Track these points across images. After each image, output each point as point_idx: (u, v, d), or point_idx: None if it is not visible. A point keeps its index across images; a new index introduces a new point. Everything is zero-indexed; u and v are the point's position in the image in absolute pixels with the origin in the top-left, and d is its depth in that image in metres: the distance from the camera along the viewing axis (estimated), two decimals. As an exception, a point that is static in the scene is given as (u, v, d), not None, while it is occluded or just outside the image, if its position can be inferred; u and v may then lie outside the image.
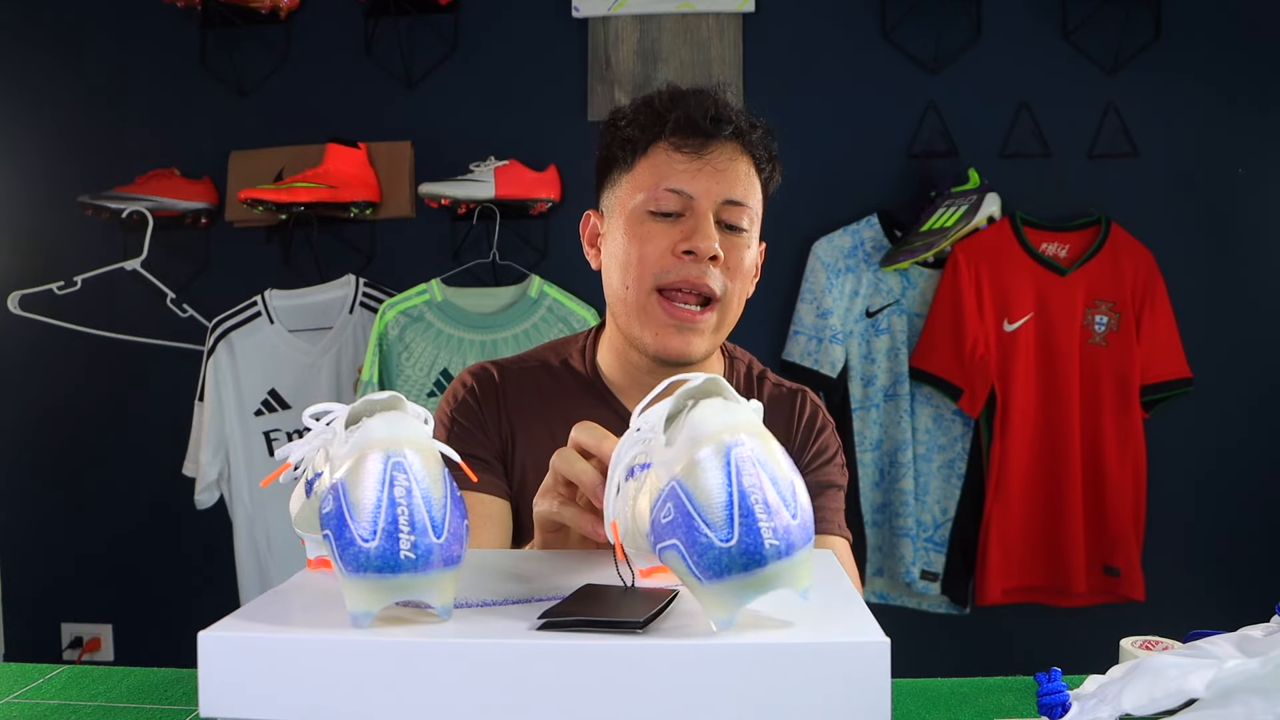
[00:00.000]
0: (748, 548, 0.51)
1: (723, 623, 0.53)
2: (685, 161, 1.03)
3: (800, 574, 0.53)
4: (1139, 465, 2.09)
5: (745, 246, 1.06)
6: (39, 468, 2.40)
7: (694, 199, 1.03)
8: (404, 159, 2.26)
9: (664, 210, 1.03)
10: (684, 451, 0.54)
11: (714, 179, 1.03)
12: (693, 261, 1.01)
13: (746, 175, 1.06)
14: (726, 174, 1.04)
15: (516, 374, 1.15)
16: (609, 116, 1.11)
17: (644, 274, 1.03)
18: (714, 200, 1.03)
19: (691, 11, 2.19)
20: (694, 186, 1.03)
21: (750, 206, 1.06)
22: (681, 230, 1.02)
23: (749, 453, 0.53)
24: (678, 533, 0.53)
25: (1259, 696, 0.54)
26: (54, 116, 2.36)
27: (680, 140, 1.04)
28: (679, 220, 1.03)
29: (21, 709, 0.80)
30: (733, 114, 1.06)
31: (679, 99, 1.07)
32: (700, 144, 1.04)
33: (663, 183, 1.03)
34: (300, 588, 0.67)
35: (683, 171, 1.03)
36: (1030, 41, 2.17)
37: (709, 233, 1.01)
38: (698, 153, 1.03)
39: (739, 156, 1.06)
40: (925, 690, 0.82)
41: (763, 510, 0.52)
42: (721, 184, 1.03)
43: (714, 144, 1.04)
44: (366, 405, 0.65)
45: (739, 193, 1.04)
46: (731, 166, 1.04)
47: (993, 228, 2.11)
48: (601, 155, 1.12)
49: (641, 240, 1.04)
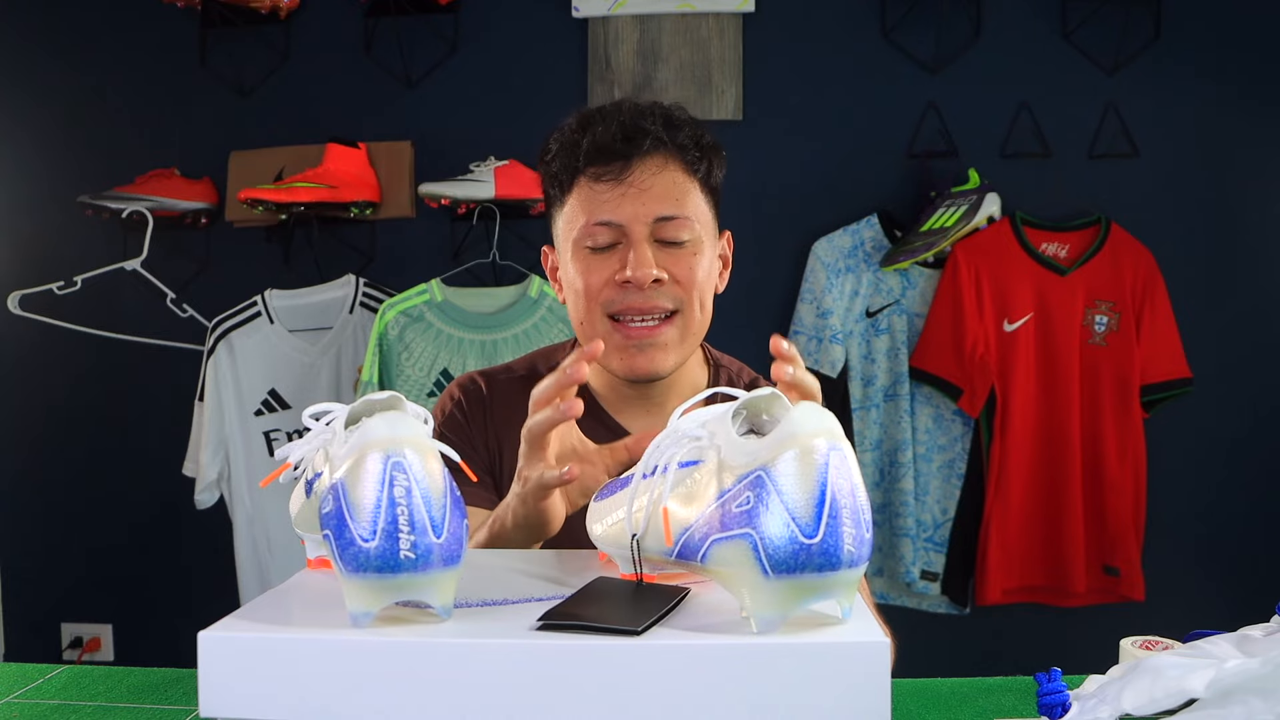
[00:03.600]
0: (828, 549, 0.52)
1: (768, 623, 0.53)
2: (607, 190, 1.01)
3: (853, 590, 0.55)
4: (1139, 465, 2.09)
5: (691, 255, 1.02)
6: (39, 468, 2.40)
7: (624, 226, 1.00)
8: (404, 159, 2.26)
9: (598, 244, 1.02)
10: (777, 446, 0.54)
11: (639, 201, 1.00)
12: (634, 289, 1.00)
13: (678, 183, 1.02)
14: (652, 191, 1.00)
15: (504, 384, 1.14)
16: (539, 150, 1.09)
17: (593, 305, 1.02)
18: (645, 223, 1.00)
19: (691, 11, 2.19)
20: (620, 214, 1.00)
21: (688, 215, 1.01)
22: (619, 259, 1.00)
23: (842, 459, 0.54)
24: (753, 521, 0.53)
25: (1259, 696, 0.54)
26: (54, 116, 2.36)
27: (598, 170, 1.01)
28: (616, 249, 1.01)
29: (21, 709, 0.80)
30: (648, 123, 1.02)
31: (589, 124, 1.03)
32: (619, 168, 1.00)
33: (591, 217, 1.01)
34: (300, 588, 0.67)
35: (606, 201, 1.01)
36: (1030, 41, 2.17)
37: (644, 259, 0.99)
38: (618, 177, 1.00)
39: (665, 166, 1.02)
40: (925, 690, 0.82)
41: (849, 516, 0.53)
42: (649, 204, 1.00)
43: (634, 163, 1.00)
44: (366, 405, 0.65)
45: (670, 206, 1.01)
46: (657, 181, 1.01)
47: (993, 228, 2.11)
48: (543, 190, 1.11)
49: (585, 274, 1.02)
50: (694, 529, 0.57)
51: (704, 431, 0.60)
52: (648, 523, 0.62)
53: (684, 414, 0.63)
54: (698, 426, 0.61)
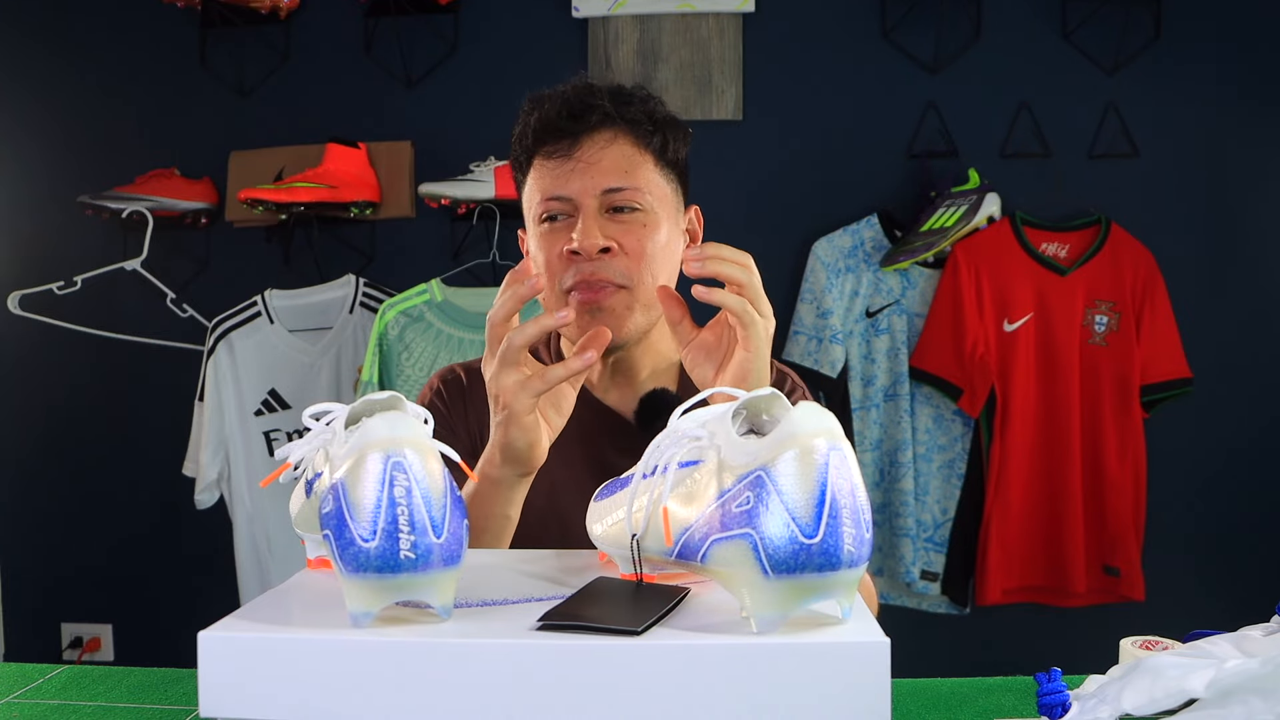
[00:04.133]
0: (827, 549, 0.52)
1: (768, 622, 0.54)
2: (557, 166, 1.04)
3: (853, 590, 0.55)
4: (1139, 465, 2.09)
5: (643, 225, 1.04)
6: (39, 468, 2.40)
7: (573, 200, 1.03)
8: (404, 159, 2.26)
9: (552, 215, 1.05)
10: (777, 446, 0.54)
11: (588, 174, 1.02)
12: (583, 260, 1.01)
13: (628, 156, 1.04)
14: (600, 164, 1.03)
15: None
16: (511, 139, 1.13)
17: (551, 279, 1.04)
18: (593, 195, 1.02)
19: (691, 11, 2.19)
20: (569, 188, 1.03)
21: (638, 186, 1.03)
22: (570, 231, 1.03)
23: (842, 459, 0.54)
24: (753, 521, 0.53)
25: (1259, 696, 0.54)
26: (54, 116, 2.36)
27: (550, 147, 1.05)
28: (568, 221, 1.04)
29: (21, 709, 0.80)
30: (596, 99, 1.04)
31: (537, 105, 1.07)
32: (568, 145, 1.03)
33: (544, 193, 1.05)
34: (300, 588, 0.67)
35: (558, 177, 1.04)
36: (1030, 41, 2.17)
37: (589, 229, 1.01)
38: (568, 154, 1.03)
39: (615, 139, 1.04)
40: (925, 690, 0.82)
41: (849, 516, 0.53)
42: (597, 176, 1.02)
43: (582, 140, 1.03)
44: (366, 405, 0.65)
45: (618, 178, 1.03)
46: (605, 154, 1.03)
47: (993, 228, 2.11)
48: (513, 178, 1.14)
49: (544, 248, 1.05)
50: (694, 529, 0.57)
51: (704, 431, 0.60)
52: (648, 523, 0.62)
53: (685, 414, 0.63)
54: (698, 426, 0.61)
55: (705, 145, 2.22)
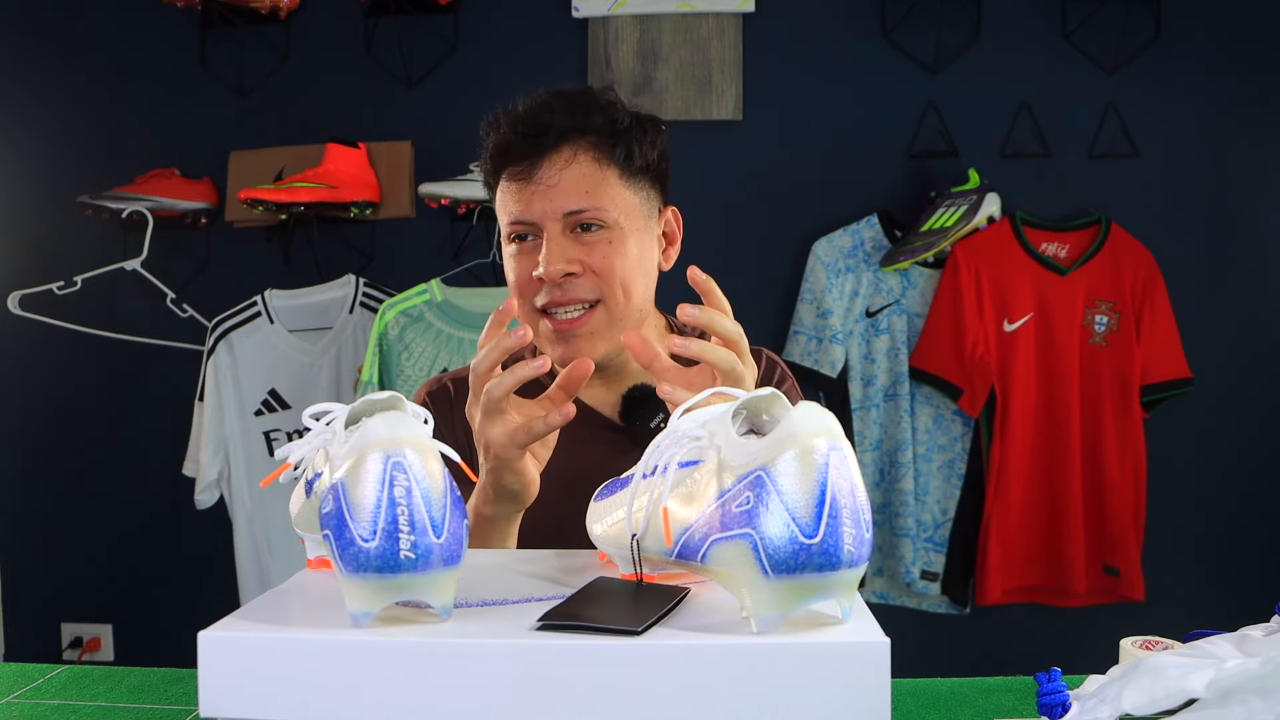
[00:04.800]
0: (827, 549, 0.52)
1: (768, 622, 0.54)
2: (520, 189, 1.03)
3: (853, 590, 0.55)
4: (1139, 465, 2.09)
5: (608, 243, 1.02)
6: (39, 468, 2.40)
7: (535, 223, 1.02)
8: (404, 159, 2.26)
9: (520, 239, 1.05)
10: (777, 446, 0.54)
11: (547, 198, 1.01)
12: (553, 284, 1.01)
13: (587, 175, 1.02)
14: (559, 187, 1.01)
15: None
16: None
17: (523, 300, 1.04)
18: (554, 219, 1.01)
19: (691, 11, 2.19)
20: (531, 212, 1.02)
21: (599, 205, 1.01)
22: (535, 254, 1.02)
23: (842, 459, 0.54)
24: (753, 521, 0.53)
25: (1259, 696, 0.54)
26: (54, 116, 2.36)
27: (510, 170, 1.04)
28: (535, 242, 1.03)
29: (21, 709, 0.80)
30: (554, 117, 1.02)
31: (493, 126, 1.06)
32: (527, 167, 1.02)
33: (509, 217, 1.04)
34: (300, 588, 0.67)
35: (520, 200, 1.03)
36: (1030, 41, 2.17)
37: (552, 255, 1.00)
38: (527, 177, 1.02)
39: (575, 157, 1.02)
40: (925, 690, 0.82)
41: (849, 516, 0.53)
42: (556, 200, 1.01)
43: (540, 161, 1.02)
44: (366, 405, 0.65)
45: (578, 200, 1.01)
46: (564, 176, 1.01)
47: (993, 228, 2.11)
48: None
49: (514, 269, 1.05)
50: (694, 529, 0.57)
51: (704, 431, 0.60)
52: (648, 523, 0.62)
53: (684, 414, 0.63)
54: (698, 426, 0.61)
55: (705, 145, 2.23)
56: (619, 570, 0.68)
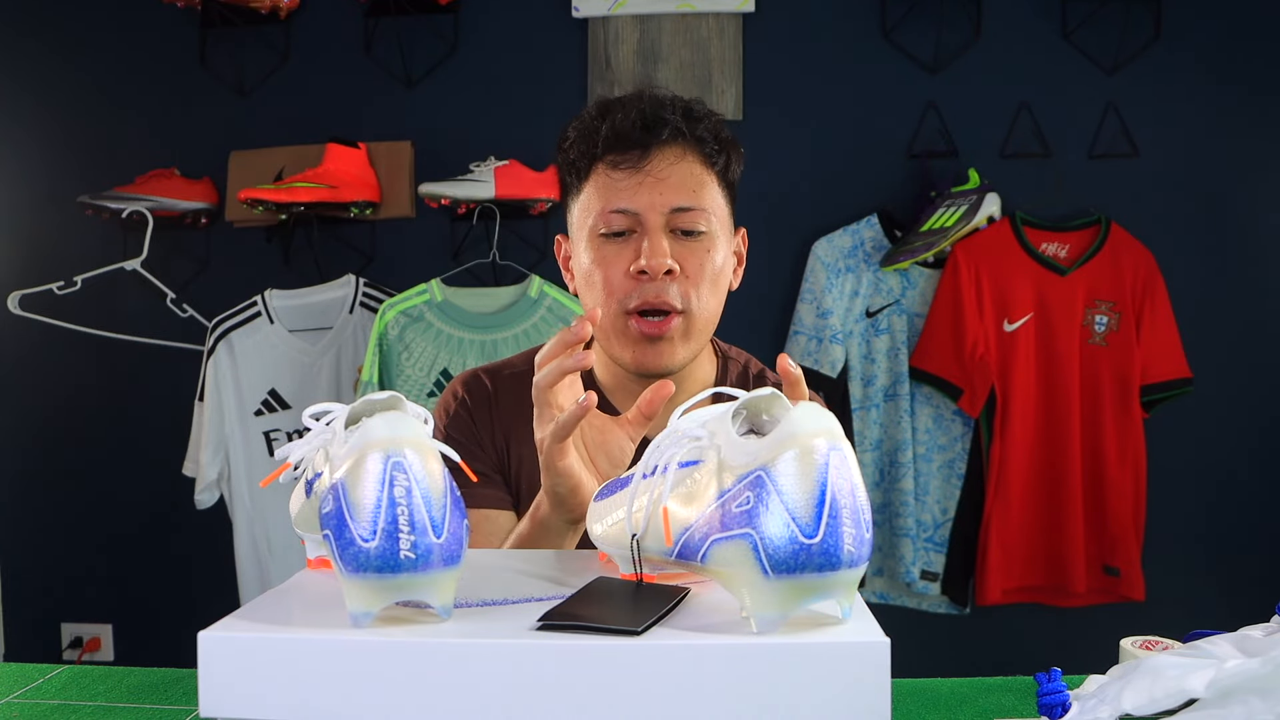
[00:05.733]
0: (828, 549, 0.52)
1: (768, 622, 0.54)
2: (625, 178, 1.01)
3: (853, 590, 0.55)
4: (1139, 465, 2.09)
5: (705, 250, 1.02)
6: (39, 468, 2.40)
7: (640, 215, 1.00)
8: (404, 159, 2.26)
9: (614, 230, 1.02)
10: (777, 446, 0.54)
11: (656, 190, 1.00)
12: (649, 280, 1.00)
13: (695, 175, 1.02)
14: (670, 181, 1.01)
15: (509, 379, 1.14)
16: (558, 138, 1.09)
17: (609, 298, 1.02)
18: (660, 212, 1.00)
19: (691, 11, 2.19)
20: (637, 202, 1.00)
21: (704, 207, 1.02)
22: (635, 249, 1.01)
23: (842, 459, 0.54)
24: (753, 521, 0.53)
25: (1259, 696, 0.54)
26: (54, 116, 2.36)
27: (616, 157, 1.02)
28: (631, 238, 1.02)
29: (21, 709, 0.80)
30: (667, 114, 1.02)
31: (607, 112, 1.03)
32: (637, 156, 1.01)
33: (607, 205, 1.02)
34: (300, 588, 0.67)
35: (624, 189, 1.01)
36: (1030, 41, 2.17)
37: (659, 249, 0.99)
38: (636, 166, 1.01)
39: (684, 156, 1.02)
40: (925, 690, 0.82)
41: (849, 516, 0.53)
42: (666, 193, 1.00)
43: (652, 152, 1.01)
44: (366, 405, 0.65)
45: (686, 197, 1.01)
46: (675, 171, 1.01)
47: (993, 228, 2.11)
48: (559, 180, 1.11)
49: (602, 264, 1.02)
50: (694, 529, 0.57)
51: (704, 431, 0.60)
52: (648, 523, 0.62)
53: (685, 414, 0.63)
54: (698, 426, 0.61)
55: (705, 145, 2.22)
56: (619, 570, 0.68)
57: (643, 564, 0.63)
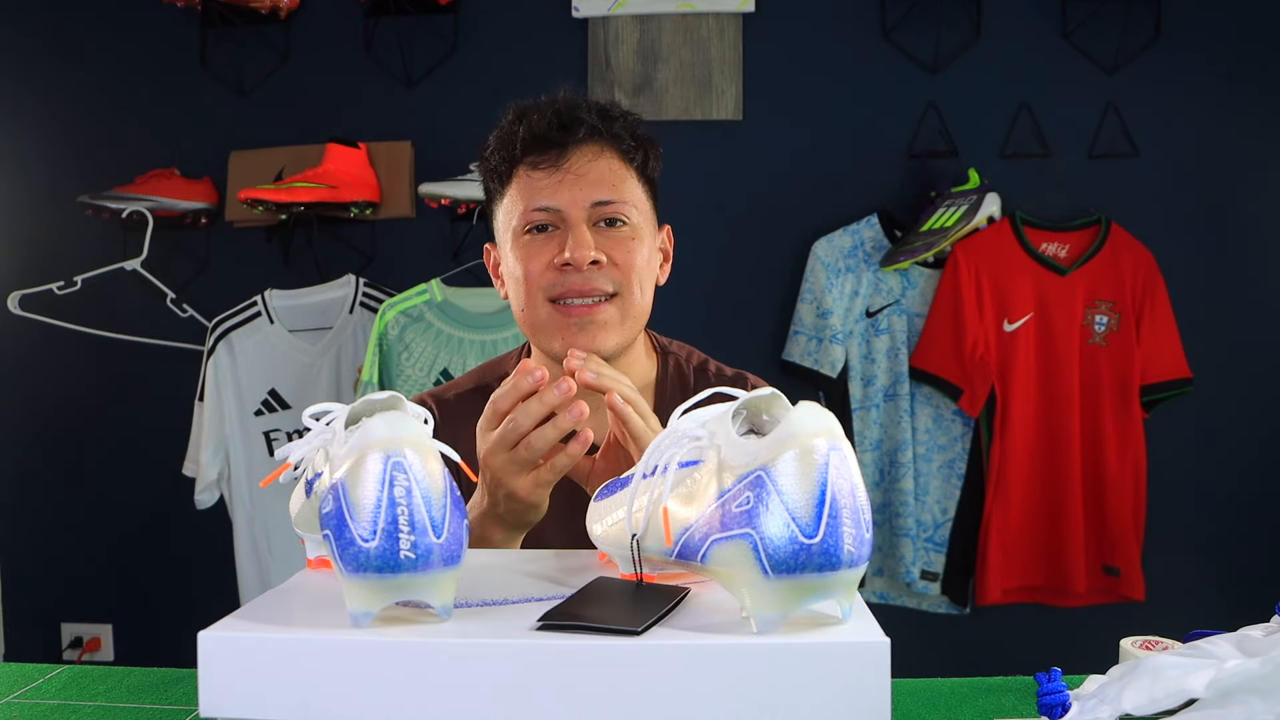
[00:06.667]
0: (828, 549, 0.52)
1: (768, 622, 0.53)
2: (545, 177, 1.04)
3: (853, 590, 0.55)
4: (1139, 465, 2.09)
5: (630, 239, 1.05)
6: (39, 468, 2.40)
7: (562, 211, 1.03)
8: (404, 159, 2.26)
9: (537, 228, 1.04)
10: (777, 446, 0.54)
11: (576, 186, 1.03)
12: (573, 271, 1.02)
13: (614, 170, 1.05)
14: (588, 176, 1.03)
15: (453, 404, 1.16)
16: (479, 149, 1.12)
17: (533, 290, 1.04)
18: (582, 207, 1.03)
19: (691, 11, 2.19)
20: (558, 199, 1.03)
21: (625, 199, 1.05)
22: (558, 243, 1.03)
23: (842, 459, 0.54)
24: (753, 521, 0.53)
25: (1259, 696, 0.54)
26: (54, 116, 2.36)
27: (536, 158, 1.05)
28: (555, 234, 1.04)
29: (21, 709, 0.80)
30: (582, 113, 1.05)
31: (524, 116, 1.07)
32: (556, 155, 1.04)
33: (530, 204, 1.04)
34: (300, 588, 0.67)
35: (544, 188, 1.04)
36: (1030, 41, 2.17)
37: (582, 241, 1.01)
38: (555, 164, 1.04)
39: (602, 153, 1.05)
40: (925, 690, 0.82)
41: (849, 516, 0.53)
42: (586, 189, 1.03)
43: (570, 150, 1.04)
44: (366, 405, 0.65)
45: (606, 191, 1.04)
46: (593, 167, 1.04)
47: (993, 228, 2.11)
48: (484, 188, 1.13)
49: (525, 259, 1.05)
50: (694, 529, 0.57)
51: (704, 431, 0.60)
52: (648, 523, 0.62)
53: (684, 414, 0.63)
54: (698, 426, 0.61)
55: (705, 145, 2.23)
56: (619, 570, 0.68)
57: (643, 564, 0.63)
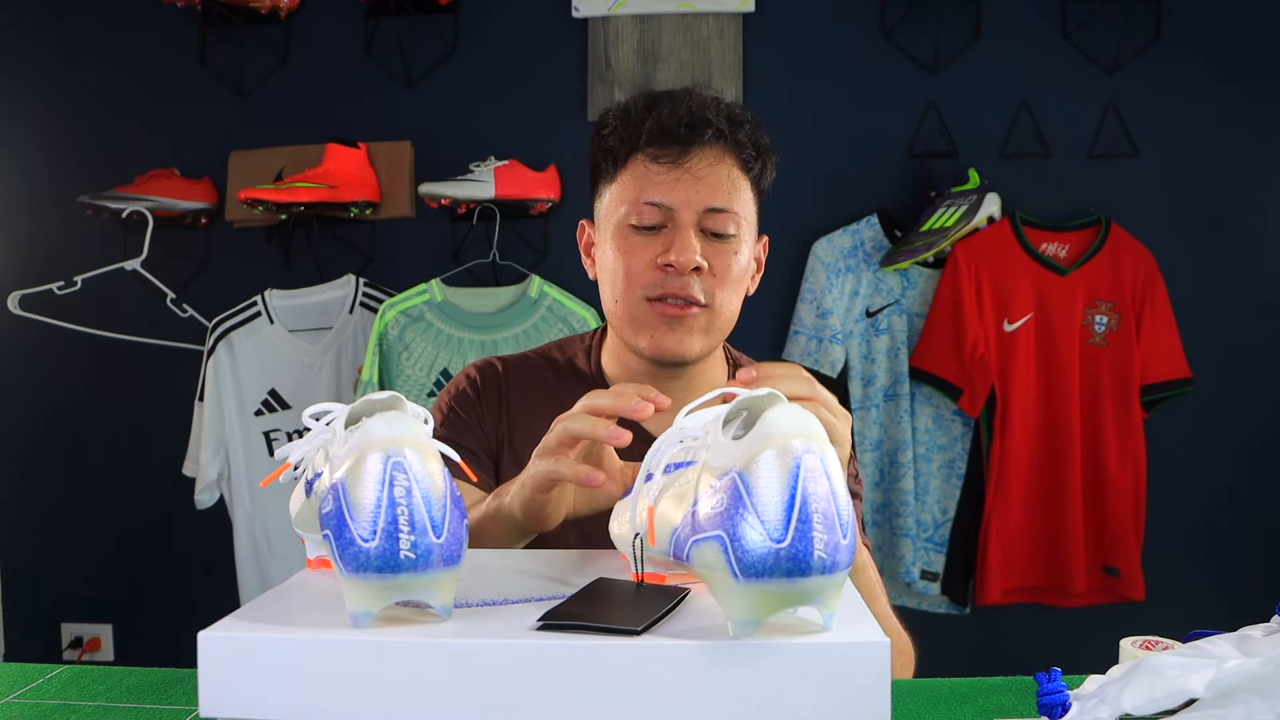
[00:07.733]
0: (797, 554, 0.51)
1: (744, 627, 0.53)
2: (663, 172, 1.02)
3: (833, 597, 0.53)
4: (1139, 465, 2.09)
5: (733, 253, 1.03)
6: (39, 468, 2.40)
7: (674, 210, 1.01)
8: (404, 159, 2.26)
9: (645, 224, 1.02)
10: (753, 447, 0.53)
11: (693, 187, 1.01)
12: (674, 274, 1.00)
13: (731, 178, 1.03)
14: (707, 180, 1.01)
15: (522, 368, 1.15)
16: (595, 123, 1.09)
17: (631, 287, 1.03)
18: (694, 210, 1.01)
19: (691, 11, 2.19)
20: (673, 197, 1.01)
21: (736, 211, 1.03)
22: (663, 243, 1.01)
23: (818, 462, 0.52)
24: (726, 524, 0.52)
25: (1259, 696, 0.54)
26: (54, 116, 2.36)
27: (657, 150, 1.02)
28: (660, 232, 1.02)
29: (21, 709, 0.80)
30: (712, 115, 1.03)
31: (654, 105, 1.04)
32: (678, 152, 1.01)
33: (642, 196, 1.02)
34: (300, 588, 0.67)
35: (661, 183, 1.01)
36: (1030, 41, 2.17)
37: (688, 245, 1.00)
38: (676, 161, 1.01)
39: (722, 159, 1.03)
40: (925, 690, 0.82)
41: (820, 521, 0.51)
42: (702, 192, 1.01)
43: (693, 150, 1.01)
44: (366, 405, 0.65)
45: (721, 199, 1.02)
46: (713, 172, 1.02)
47: (993, 228, 2.11)
48: (591, 164, 1.11)
49: (626, 254, 1.03)
50: (680, 530, 0.57)
51: (701, 432, 0.60)
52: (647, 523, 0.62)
53: (690, 413, 0.63)
54: (699, 427, 0.61)
55: (705, 145, 2.22)
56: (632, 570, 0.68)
57: (649, 564, 0.63)
